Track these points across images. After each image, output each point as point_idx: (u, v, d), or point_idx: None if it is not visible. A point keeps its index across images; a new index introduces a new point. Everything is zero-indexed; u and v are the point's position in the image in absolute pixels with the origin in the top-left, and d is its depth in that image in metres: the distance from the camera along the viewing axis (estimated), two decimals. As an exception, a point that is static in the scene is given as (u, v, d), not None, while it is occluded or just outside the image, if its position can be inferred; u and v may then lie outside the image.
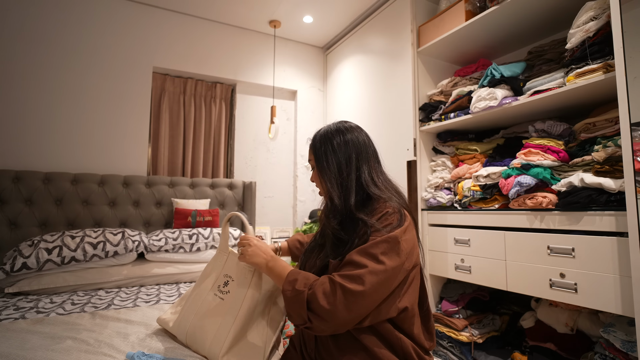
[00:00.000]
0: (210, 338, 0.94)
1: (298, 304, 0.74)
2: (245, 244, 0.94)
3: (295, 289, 0.75)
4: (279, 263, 0.87)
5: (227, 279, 1.02)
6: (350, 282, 0.72)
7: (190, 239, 2.09)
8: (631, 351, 1.14)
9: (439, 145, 2.11)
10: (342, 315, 0.71)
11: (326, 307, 0.71)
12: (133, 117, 2.50)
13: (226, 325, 0.93)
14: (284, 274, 0.82)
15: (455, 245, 1.80)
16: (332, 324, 0.72)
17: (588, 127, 1.43)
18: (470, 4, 1.85)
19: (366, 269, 0.72)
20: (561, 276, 1.32)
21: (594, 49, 1.30)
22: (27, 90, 2.19)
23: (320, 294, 0.72)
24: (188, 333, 1.01)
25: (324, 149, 0.91)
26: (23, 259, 1.66)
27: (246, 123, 3.02)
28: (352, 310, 0.71)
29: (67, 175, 2.16)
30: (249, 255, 0.91)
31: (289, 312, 0.77)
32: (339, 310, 0.71)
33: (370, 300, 0.73)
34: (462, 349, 1.74)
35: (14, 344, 1.03)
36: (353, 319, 0.73)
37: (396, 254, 0.75)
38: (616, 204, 1.21)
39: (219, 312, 0.97)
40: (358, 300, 0.71)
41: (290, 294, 0.76)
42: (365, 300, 0.72)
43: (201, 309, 1.01)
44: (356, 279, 0.72)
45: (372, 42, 2.61)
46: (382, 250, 0.74)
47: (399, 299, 0.78)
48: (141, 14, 2.58)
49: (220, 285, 1.02)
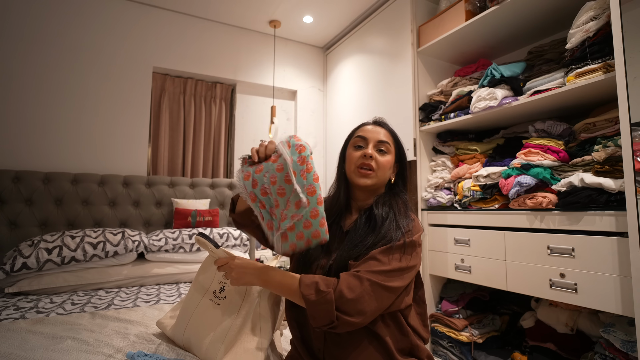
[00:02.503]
0: (207, 344, 0.93)
1: (325, 305, 0.73)
2: (227, 269, 0.88)
3: (319, 291, 0.75)
4: (273, 274, 0.84)
5: (222, 284, 1.00)
6: (376, 276, 0.76)
7: (190, 239, 2.09)
8: (631, 351, 1.14)
9: (439, 145, 2.11)
10: (368, 307, 0.74)
11: (353, 298, 0.73)
12: (133, 117, 2.50)
13: (222, 331, 0.92)
14: (291, 282, 0.80)
15: (455, 245, 1.80)
16: (357, 316, 0.73)
17: (588, 127, 1.43)
18: (470, 4, 1.85)
19: (390, 266, 0.78)
20: (561, 276, 1.32)
21: (594, 49, 1.30)
22: (27, 90, 2.19)
23: (345, 289, 0.74)
24: (184, 339, 1.00)
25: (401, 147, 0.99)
26: (23, 259, 1.66)
27: (246, 123, 3.02)
28: (378, 300, 0.75)
29: (67, 175, 2.16)
30: (237, 279, 0.87)
31: (313, 315, 0.75)
32: (366, 300, 0.74)
33: (394, 294, 0.78)
34: (462, 349, 1.74)
35: (14, 344, 1.03)
36: (378, 310, 0.77)
37: (417, 254, 0.84)
38: (616, 204, 1.21)
39: (215, 318, 0.95)
40: (385, 293, 0.76)
41: (315, 297, 0.74)
42: (391, 293, 0.77)
43: (197, 315, 0.99)
44: (382, 273, 0.77)
45: (372, 42, 2.61)
46: (407, 251, 0.81)
47: (408, 294, 0.85)
48: (141, 14, 2.58)
49: (216, 291, 1.00)
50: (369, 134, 0.95)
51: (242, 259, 0.90)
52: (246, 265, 0.87)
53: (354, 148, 0.96)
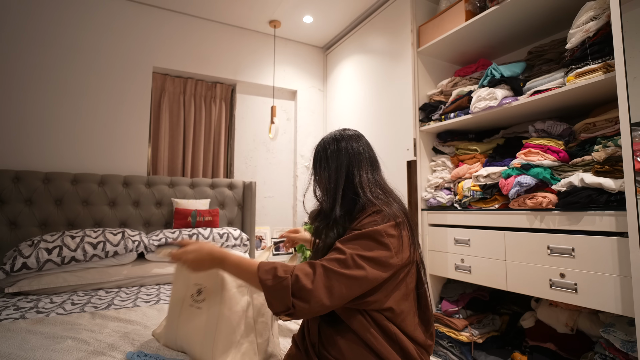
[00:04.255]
0: (199, 350, 0.93)
1: (282, 291, 0.73)
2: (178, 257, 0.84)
3: (276, 276, 0.74)
4: (230, 258, 0.82)
5: (198, 287, 0.98)
6: (330, 262, 0.75)
7: (190, 239, 2.09)
8: (631, 351, 1.14)
9: (439, 145, 2.11)
10: (322, 296, 0.72)
11: (308, 286, 0.72)
12: (133, 117, 2.50)
13: (210, 334, 0.91)
14: (249, 266, 0.79)
15: (455, 245, 1.80)
16: (312, 303, 0.72)
17: (588, 127, 1.43)
18: (470, 4, 1.85)
19: (347, 254, 0.76)
20: (561, 276, 1.32)
21: (594, 49, 1.30)
22: (27, 90, 2.19)
23: (302, 275, 0.73)
24: (178, 347, 1.00)
25: (319, 157, 0.96)
26: (23, 259, 1.66)
27: (246, 123, 3.02)
28: (332, 291, 0.73)
29: (67, 175, 2.16)
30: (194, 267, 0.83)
31: (269, 300, 0.75)
32: (319, 289, 0.72)
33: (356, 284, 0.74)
34: (462, 349, 1.74)
35: (14, 344, 1.03)
36: (338, 299, 0.74)
37: (379, 244, 0.78)
38: (616, 204, 1.21)
39: (200, 323, 0.94)
40: (340, 282, 0.73)
41: (272, 282, 0.74)
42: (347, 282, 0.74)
43: (182, 323, 0.98)
44: (337, 261, 0.75)
45: (372, 42, 2.61)
46: (366, 241, 0.78)
47: (386, 295, 0.80)
48: (141, 14, 2.58)
49: (194, 295, 0.98)
50: None
51: (196, 244, 0.85)
52: (200, 250, 0.83)
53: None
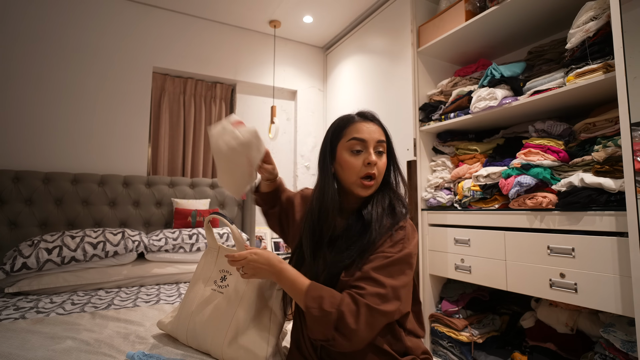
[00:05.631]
0: (213, 332, 0.94)
1: (325, 324, 0.73)
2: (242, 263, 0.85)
3: (322, 309, 0.73)
4: (287, 274, 0.82)
5: (223, 274, 1.02)
6: (372, 300, 0.74)
7: (190, 239, 2.09)
8: (631, 351, 1.14)
9: (439, 145, 2.11)
10: (365, 335, 0.73)
11: (352, 326, 0.71)
12: (133, 117, 2.50)
13: (227, 316, 0.93)
14: (301, 286, 0.79)
15: (455, 245, 1.80)
16: (354, 342, 0.73)
17: (588, 127, 1.43)
18: (470, 4, 1.85)
19: (387, 287, 0.75)
20: (561, 276, 1.32)
21: (594, 49, 1.30)
22: (27, 90, 2.19)
23: (347, 312, 0.72)
24: (188, 330, 1.00)
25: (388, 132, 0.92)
26: (23, 259, 1.66)
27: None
28: (374, 328, 0.75)
29: (67, 175, 2.16)
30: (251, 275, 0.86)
31: (312, 328, 0.75)
32: (362, 329, 0.72)
33: (391, 316, 0.77)
34: (462, 349, 1.74)
35: (14, 344, 1.03)
36: (373, 335, 0.76)
37: (410, 268, 0.80)
38: (616, 204, 1.21)
39: (219, 305, 0.96)
40: (381, 319, 0.75)
41: (317, 312, 0.74)
42: (387, 318, 0.76)
43: (200, 305, 1.00)
44: (378, 296, 0.74)
45: (372, 42, 2.61)
46: (400, 267, 0.78)
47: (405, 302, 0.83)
48: (141, 14, 2.58)
49: (218, 281, 1.02)
50: (367, 135, 0.85)
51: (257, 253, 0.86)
52: (261, 261, 0.84)
53: (351, 153, 0.86)
